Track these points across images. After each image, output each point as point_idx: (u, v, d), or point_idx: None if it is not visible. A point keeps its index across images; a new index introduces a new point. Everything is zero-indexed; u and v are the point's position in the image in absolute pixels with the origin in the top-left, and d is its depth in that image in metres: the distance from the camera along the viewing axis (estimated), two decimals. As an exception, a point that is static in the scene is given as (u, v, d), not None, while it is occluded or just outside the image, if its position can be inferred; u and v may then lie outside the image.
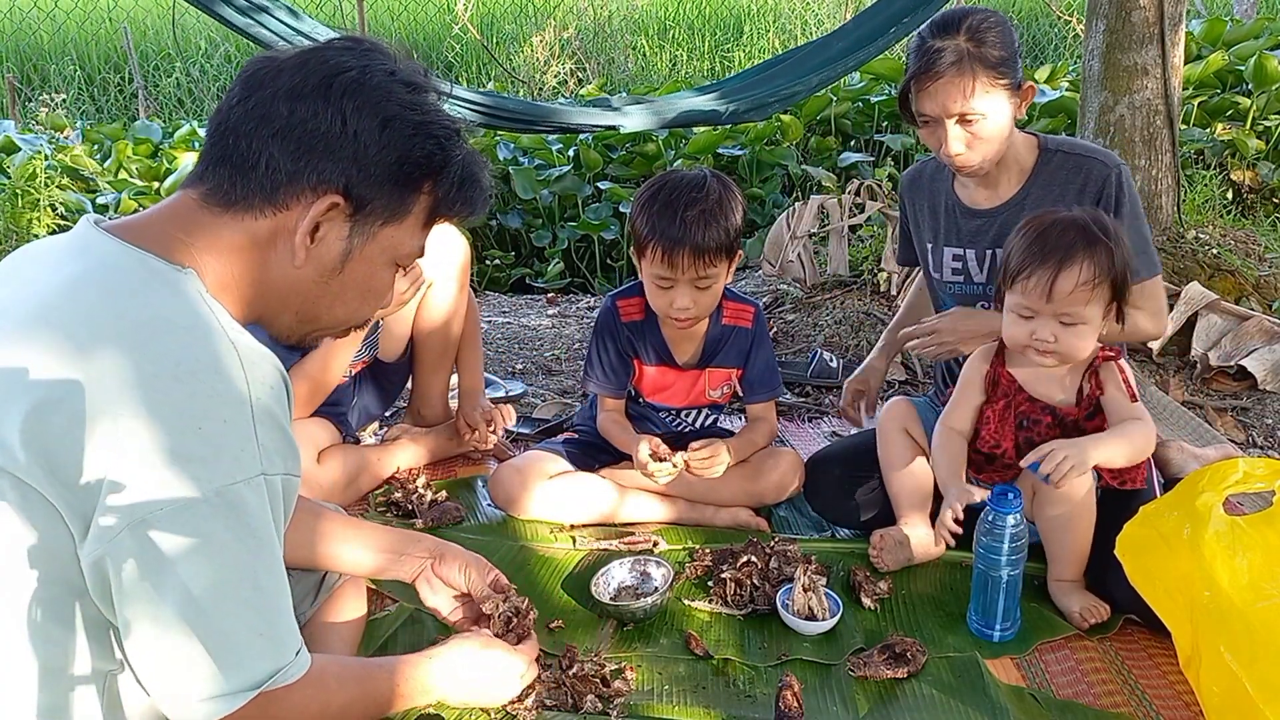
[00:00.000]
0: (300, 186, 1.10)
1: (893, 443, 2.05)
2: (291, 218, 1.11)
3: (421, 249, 1.23)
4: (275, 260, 1.13)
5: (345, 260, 1.15)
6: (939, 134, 1.91)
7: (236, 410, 1.01)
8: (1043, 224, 1.78)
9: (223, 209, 1.11)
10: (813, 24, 9.16)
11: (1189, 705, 1.61)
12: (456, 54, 8.78)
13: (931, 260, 2.17)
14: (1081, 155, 2.00)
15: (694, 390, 2.25)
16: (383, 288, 1.23)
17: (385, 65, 1.13)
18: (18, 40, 8.78)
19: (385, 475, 2.38)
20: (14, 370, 0.97)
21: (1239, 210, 4.46)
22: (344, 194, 1.11)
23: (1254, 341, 2.99)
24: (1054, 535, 1.86)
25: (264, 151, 1.09)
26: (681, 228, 1.96)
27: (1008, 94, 1.88)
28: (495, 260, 4.88)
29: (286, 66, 1.10)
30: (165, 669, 1.00)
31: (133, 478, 0.95)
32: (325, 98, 1.09)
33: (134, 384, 0.97)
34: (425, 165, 1.15)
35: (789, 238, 3.64)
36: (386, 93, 1.11)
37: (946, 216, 2.12)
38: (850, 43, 3.81)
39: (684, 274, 1.99)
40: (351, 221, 1.13)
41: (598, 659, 1.68)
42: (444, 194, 1.19)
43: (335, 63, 1.11)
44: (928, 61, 1.84)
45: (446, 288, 2.37)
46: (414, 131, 1.13)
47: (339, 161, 1.10)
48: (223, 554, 0.99)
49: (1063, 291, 1.72)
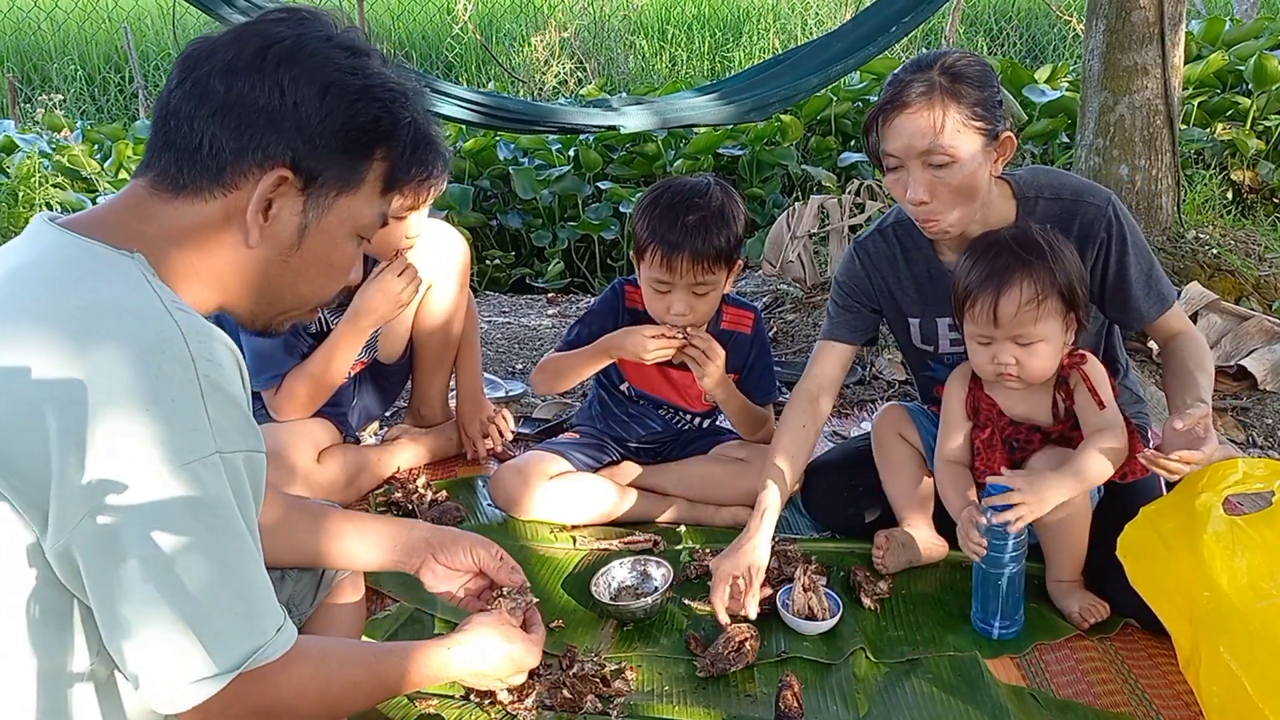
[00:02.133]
0: (246, 164, 1.08)
1: (889, 448, 2.04)
2: (242, 197, 1.09)
3: (384, 217, 1.20)
4: (232, 242, 1.11)
5: (302, 235, 1.13)
6: (904, 179, 1.73)
7: (184, 389, 0.98)
8: (978, 248, 1.76)
9: (172, 194, 1.09)
10: (812, 24, 9.16)
11: (1189, 705, 1.61)
12: (456, 54, 8.77)
13: (921, 334, 2.01)
14: (1069, 200, 1.83)
15: (690, 391, 2.25)
16: (346, 261, 1.20)
17: (321, 32, 1.11)
18: (18, 40, 8.78)
19: (385, 475, 2.38)
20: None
21: (1239, 210, 4.47)
22: (292, 167, 1.09)
23: (1254, 341, 2.99)
24: (1051, 537, 1.86)
25: (205, 132, 1.07)
26: (681, 232, 1.96)
27: (982, 140, 1.70)
28: (495, 260, 4.88)
29: (220, 43, 1.08)
30: (140, 656, 0.98)
31: (83, 464, 0.94)
32: (260, 70, 1.06)
33: (78, 369, 0.95)
34: (373, 130, 1.12)
35: (789, 238, 3.64)
36: (324, 59, 1.09)
37: (933, 284, 1.94)
38: (850, 43, 3.81)
39: (681, 279, 1.99)
40: (304, 195, 1.11)
41: (598, 659, 1.68)
42: (397, 158, 1.16)
43: (269, 34, 1.08)
44: (895, 93, 1.69)
45: (446, 288, 2.37)
46: (356, 96, 1.10)
47: (282, 134, 1.07)
48: (183, 535, 0.98)
49: (1007, 315, 1.70)
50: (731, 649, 1.71)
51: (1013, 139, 1.76)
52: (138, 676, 1.00)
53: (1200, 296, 3.10)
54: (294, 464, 2.12)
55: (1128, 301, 1.86)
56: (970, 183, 1.72)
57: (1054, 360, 1.77)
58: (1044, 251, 1.70)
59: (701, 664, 1.71)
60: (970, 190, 1.73)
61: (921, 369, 2.10)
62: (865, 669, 1.73)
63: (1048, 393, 1.84)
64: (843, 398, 2.96)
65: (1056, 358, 1.77)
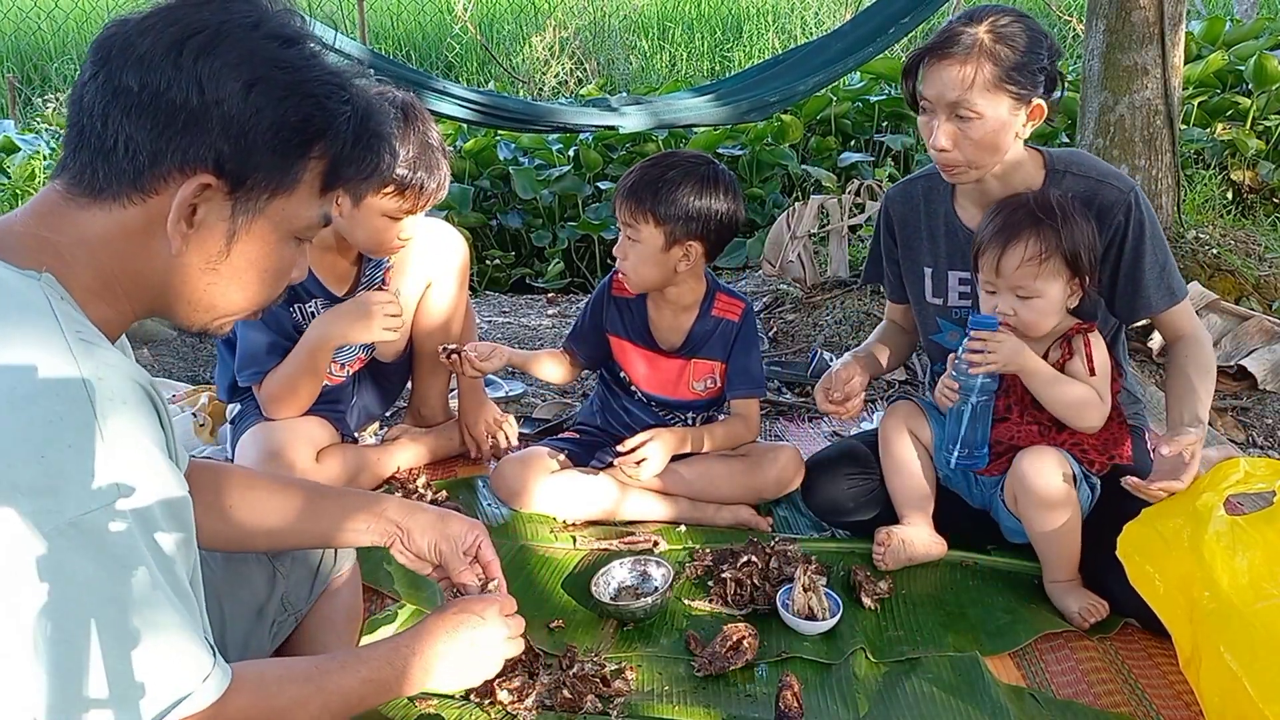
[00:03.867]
0: (165, 167, 0.97)
1: (896, 444, 2.05)
2: (164, 202, 0.98)
3: (325, 217, 1.11)
4: (156, 249, 1.01)
5: (231, 241, 1.03)
6: (932, 124, 1.83)
7: (81, 434, 0.89)
8: (1000, 207, 1.85)
9: (89, 199, 0.99)
10: (812, 24, 9.16)
11: (1189, 705, 1.61)
12: (456, 54, 8.77)
13: (931, 285, 2.08)
14: (1095, 179, 1.89)
15: (678, 381, 2.25)
16: (284, 265, 1.10)
17: (248, 17, 0.99)
18: (18, 40, 8.78)
19: (385, 475, 2.38)
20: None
21: (1239, 210, 4.47)
22: (216, 171, 0.98)
23: (1254, 341, 2.99)
24: (1041, 538, 1.88)
25: (121, 132, 0.96)
26: (631, 174, 2.04)
27: (1011, 102, 1.78)
28: (495, 260, 4.88)
29: (136, 30, 0.97)
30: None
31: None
32: (177, 64, 0.95)
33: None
34: (306, 128, 1.01)
35: (789, 238, 3.64)
36: (248, 50, 0.97)
37: (948, 239, 2.03)
38: (849, 43, 3.82)
39: (620, 217, 2.06)
40: (232, 199, 1.01)
41: (598, 659, 1.68)
42: (336, 154, 1.05)
43: (187, 22, 0.96)
44: (941, 40, 1.78)
45: (446, 288, 2.37)
46: (285, 93, 0.99)
47: (204, 135, 0.97)
48: (89, 592, 0.89)
49: (1009, 267, 1.79)
50: (729, 647, 1.71)
51: (1042, 107, 1.82)
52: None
53: (1200, 296, 3.10)
54: (293, 463, 2.12)
55: (1138, 289, 1.89)
56: (992, 140, 1.80)
57: (1050, 318, 1.83)
58: (1056, 215, 1.78)
59: (700, 663, 1.71)
60: (991, 146, 1.81)
61: (932, 329, 2.14)
62: (865, 669, 1.73)
63: (1044, 349, 1.88)
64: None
65: (1054, 316, 1.83)
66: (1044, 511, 1.83)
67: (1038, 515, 1.84)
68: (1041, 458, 1.83)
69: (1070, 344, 1.86)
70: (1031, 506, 1.84)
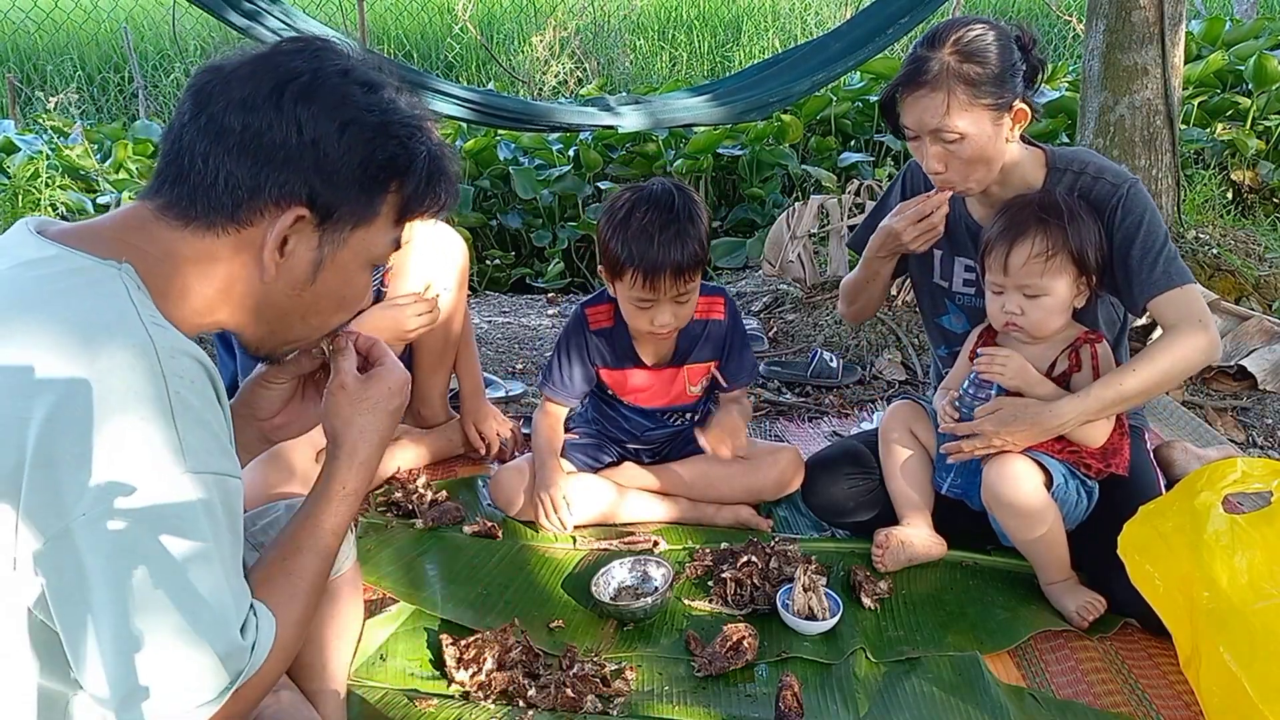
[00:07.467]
0: (262, 201, 1.07)
1: (896, 444, 2.05)
2: (256, 233, 1.08)
3: (397, 243, 1.19)
4: (242, 275, 1.10)
5: (318, 270, 1.13)
6: (922, 149, 1.85)
7: (152, 407, 0.96)
8: (1007, 207, 1.87)
9: (182, 224, 1.08)
10: (812, 24, 9.16)
11: (1189, 705, 1.61)
12: (456, 54, 8.77)
13: (940, 268, 2.11)
14: (1090, 176, 1.89)
15: (674, 389, 2.24)
16: (358, 293, 1.19)
17: (338, 65, 1.09)
18: (17, 40, 8.77)
19: (385, 475, 2.38)
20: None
21: (1239, 210, 4.46)
22: (309, 204, 1.08)
23: (1254, 341, 2.99)
24: (1024, 545, 1.89)
25: (221, 168, 1.05)
26: (661, 251, 1.95)
27: (991, 115, 1.78)
28: (495, 260, 4.88)
29: (235, 77, 1.07)
30: (122, 688, 0.95)
31: (45, 484, 0.92)
32: (278, 107, 1.05)
33: (49, 388, 0.93)
34: (390, 166, 1.12)
35: (789, 238, 3.64)
36: (342, 96, 1.08)
37: (957, 227, 2.05)
38: (848, 43, 3.82)
39: (665, 295, 2.00)
40: (320, 231, 1.10)
41: (598, 659, 1.69)
42: (411, 191, 1.15)
43: (286, 68, 1.07)
44: (910, 72, 1.79)
45: (446, 290, 2.37)
46: (374, 134, 1.09)
47: (300, 172, 1.07)
48: (150, 558, 0.95)
49: (1015, 265, 1.80)
50: (729, 647, 1.71)
51: (1025, 111, 1.82)
52: (120, 710, 0.96)
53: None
54: (293, 463, 2.12)
55: (1129, 275, 1.84)
56: (982, 154, 1.82)
57: (1058, 317, 1.84)
58: (1062, 214, 1.80)
59: (700, 663, 1.71)
60: (983, 160, 1.83)
61: (937, 314, 2.15)
62: (865, 669, 1.73)
63: (1051, 358, 1.88)
64: (842, 398, 2.96)
65: (1061, 316, 1.84)
66: (1020, 519, 1.84)
67: (1014, 523, 1.86)
68: (1007, 466, 1.83)
69: (1078, 354, 1.86)
70: (1007, 516, 1.85)
